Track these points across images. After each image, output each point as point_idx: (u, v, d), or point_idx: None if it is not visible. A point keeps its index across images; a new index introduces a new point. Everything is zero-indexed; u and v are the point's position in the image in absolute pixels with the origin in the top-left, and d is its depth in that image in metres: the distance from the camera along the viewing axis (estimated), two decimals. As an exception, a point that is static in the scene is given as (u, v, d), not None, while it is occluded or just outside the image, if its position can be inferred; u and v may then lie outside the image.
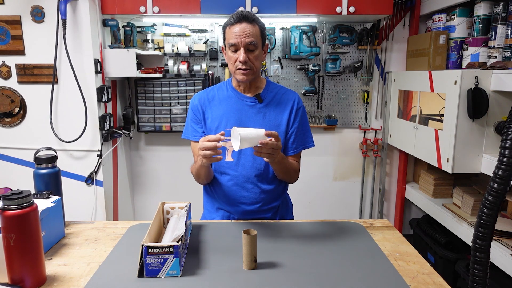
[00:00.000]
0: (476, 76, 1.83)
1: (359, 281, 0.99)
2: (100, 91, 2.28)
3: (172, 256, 0.99)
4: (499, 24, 1.95)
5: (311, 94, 2.76)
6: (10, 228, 0.90)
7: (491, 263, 1.51)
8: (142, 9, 2.32)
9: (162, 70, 2.65)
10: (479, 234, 0.88)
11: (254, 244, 1.03)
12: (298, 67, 2.74)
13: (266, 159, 1.26)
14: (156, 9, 2.33)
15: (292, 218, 1.60)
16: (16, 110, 2.29)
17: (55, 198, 1.22)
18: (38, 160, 1.24)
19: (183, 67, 2.64)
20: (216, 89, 1.52)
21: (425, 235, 2.45)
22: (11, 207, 0.90)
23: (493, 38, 1.99)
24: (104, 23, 2.36)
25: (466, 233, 1.98)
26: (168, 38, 2.71)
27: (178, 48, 2.64)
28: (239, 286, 0.97)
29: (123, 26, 2.47)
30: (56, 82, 2.22)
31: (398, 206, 2.92)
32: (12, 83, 2.26)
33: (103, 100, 2.30)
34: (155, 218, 1.18)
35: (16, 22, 2.18)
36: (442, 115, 2.04)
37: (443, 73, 2.07)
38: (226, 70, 2.72)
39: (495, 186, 0.85)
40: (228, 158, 1.24)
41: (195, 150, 1.48)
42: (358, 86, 2.82)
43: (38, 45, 2.21)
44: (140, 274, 1.00)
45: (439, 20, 2.44)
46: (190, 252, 1.15)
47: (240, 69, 1.37)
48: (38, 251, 0.95)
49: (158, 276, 1.00)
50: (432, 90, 2.15)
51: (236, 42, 1.34)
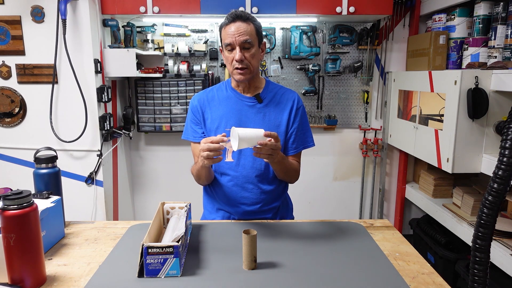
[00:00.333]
0: (476, 76, 1.83)
1: (359, 281, 0.99)
2: (100, 91, 2.28)
3: (172, 256, 0.99)
4: (499, 24, 1.95)
5: (311, 94, 2.76)
6: (10, 228, 0.90)
7: (491, 263, 1.51)
8: (142, 9, 2.33)
9: (162, 70, 2.65)
10: (479, 234, 0.88)
11: (254, 244, 1.03)
12: (298, 67, 2.74)
13: (266, 160, 1.26)
14: (156, 9, 2.33)
15: (292, 218, 1.59)
16: (16, 110, 2.29)
17: (55, 198, 1.22)
18: (38, 160, 1.24)
19: (183, 67, 2.64)
20: (216, 89, 1.52)
21: (425, 235, 2.45)
22: (11, 207, 0.90)
23: (493, 38, 1.99)
24: (104, 23, 2.36)
25: (466, 233, 1.98)
26: (168, 38, 2.71)
27: (178, 48, 2.64)
28: (239, 286, 0.97)
29: (123, 26, 2.47)
30: (56, 82, 2.22)
31: (398, 206, 2.92)
32: (12, 83, 2.26)
33: (103, 100, 2.30)
34: (155, 218, 1.18)
35: (16, 22, 2.18)
36: (442, 115, 2.04)
37: (443, 73, 2.07)
38: (226, 70, 2.72)
39: (495, 186, 0.85)
40: (229, 158, 1.23)
41: (195, 151, 1.48)
42: (358, 86, 2.82)
43: (38, 45, 2.21)
44: (140, 274, 1.00)
45: (439, 20, 2.44)
46: (190, 252, 1.15)
47: (237, 68, 1.37)
48: (38, 251, 0.95)
49: (158, 276, 1.00)
50: (432, 90, 2.15)
51: (231, 42, 1.34)
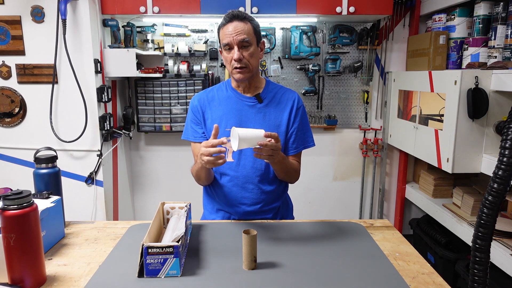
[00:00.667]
0: (476, 76, 1.83)
1: (359, 281, 0.99)
2: (100, 91, 2.28)
3: (172, 256, 0.99)
4: (499, 24, 1.95)
5: (311, 94, 2.76)
6: (10, 228, 0.90)
7: (491, 263, 1.51)
8: (142, 9, 2.32)
9: (162, 70, 2.64)
10: (479, 234, 0.88)
11: (254, 244, 1.03)
12: (298, 67, 2.74)
13: (266, 160, 1.26)
14: (156, 9, 2.33)
15: (293, 218, 1.59)
16: (16, 110, 2.29)
17: (55, 198, 1.22)
18: (38, 160, 1.24)
19: (183, 67, 2.64)
20: (216, 89, 1.52)
21: (425, 235, 2.45)
22: (11, 207, 0.90)
23: (493, 38, 1.99)
24: (104, 23, 2.36)
25: (466, 233, 1.98)
26: (168, 38, 2.71)
27: (178, 48, 2.64)
28: (239, 286, 0.97)
29: (123, 26, 2.47)
30: (56, 82, 2.22)
31: (398, 206, 2.92)
32: (12, 83, 2.26)
33: (103, 100, 2.30)
34: (155, 218, 1.18)
35: (16, 22, 2.18)
36: (442, 115, 2.04)
37: (443, 73, 2.07)
38: (226, 70, 2.71)
39: (495, 186, 0.85)
40: (229, 158, 1.23)
41: (195, 151, 1.48)
42: (358, 86, 2.82)
43: (38, 45, 2.21)
44: (140, 274, 1.00)
45: (439, 20, 2.44)
46: (190, 252, 1.15)
47: (236, 68, 1.37)
48: (38, 251, 0.95)
49: (158, 276, 1.00)
50: (432, 90, 2.15)
51: (229, 42, 1.34)
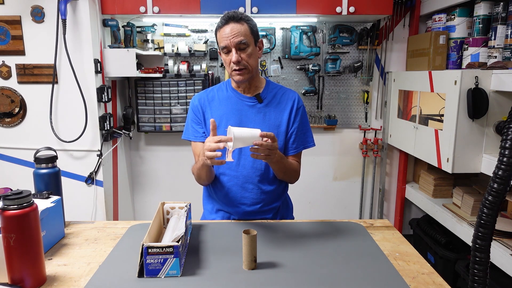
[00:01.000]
0: (476, 76, 1.83)
1: (359, 281, 0.99)
2: (100, 91, 2.28)
3: (172, 256, 0.99)
4: (499, 24, 1.95)
5: (311, 94, 2.76)
6: (10, 228, 0.90)
7: (491, 263, 1.51)
8: (142, 9, 2.32)
9: (162, 70, 2.64)
10: (479, 234, 0.88)
11: (254, 244, 1.03)
12: (298, 67, 2.74)
13: (263, 160, 1.26)
14: (156, 9, 2.33)
15: (293, 218, 1.59)
16: (16, 110, 2.29)
17: (55, 198, 1.22)
18: (38, 160, 1.24)
19: (183, 67, 2.64)
20: (216, 89, 1.52)
21: (425, 235, 2.45)
22: (11, 207, 0.90)
23: (493, 38, 1.99)
24: (104, 23, 2.36)
25: (466, 233, 1.98)
26: (168, 38, 2.71)
27: (178, 48, 2.64)
28: (239, 286, 0.97)
29: (123, 26, 2.47)
30: (56, 82, 2.22)
31: (398, 206, 2.92)
32: (12, 83, 2.26)
33: (103, 100, 2.30)
34: (155, 218, 1.18)
35: (16, 22, 2.18)
36: (442, 115, 2.04)
37: (443, 73, 2.07)
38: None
39: (495, 186, 0.85)
40: (229, 158, 1.23)
41: (195, 150, 1.48)
42: (358, 86, 2.82)
43: (38, 45, 2.21)
44: (140, 274, 1.00)
45: (439, 20, 2.44)
46: (190, 252, 1.15)
47: (235, 70, 1.36)
48: (38, 251, 0.95)
49: (158, 276, 1.00)
50: (432, 90, 2.15)
51: (226, 44, 1.34)
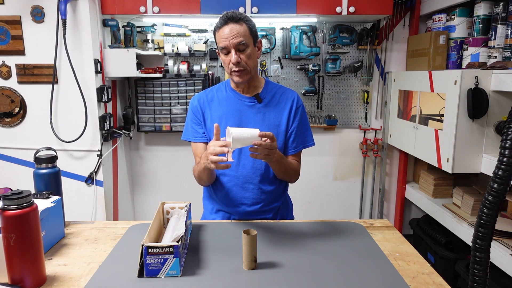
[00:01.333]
0: (476, 76, 1.83)
1: (359, 281, 0.99)
2: (100, 91, 2.28)
3: (172, 256, 0.99)
4: (499, 24, 1.95)
5: (311, 94, 2.76)
6: (10, 228, 0.90)
7: (491, 263, 1.51)
8: (142, 9, 2.32)
9: (162, 70, 2.64)
10: (479, 234, 0.88)
11: (254, 244, 1.03)
12: (298, 67, 2.74)
13: (263, 160, 1.25)
14: (156, 9, 2.33)
15: (293, 218, 1.59)
16: (16, 110, 2.29)
17: (55, 198, 1.22)
18: (38, 160, 1.24)
19: (183, 67, 2.64)
20: (215, 90, 1.52)
21: (425, 235, 2.45)
22: (11, 207, 0.90)
23: (493, 38, 1.99)
24: (104, 23, 2.36)
25: (466, 233, 1.98)
26: (168, 38, 2.71)
27: (178, 48, 2.64)
28: (239, 286, 0.97)
29: (123, 26, 2.47)
30: (56, 82, 2.22)
31: (398, 206, 2.92)
32: (12, 83, 2.26)
33: (103, 100, 2.30)
34: (155, 218, 1.18)
35: (16, 22, 2.18)
36: (442, 115, 2.04)
37: (443, 73, 2.07)
38: (226, 70, 2.72)
39: (495, 186, 0.85)
40: (229, 158, 1.23)
41: (196, 151, 1.48)
42: (358, 86, 2.82)
43: (38, 45, 2.21)
44: (140, 274, 1.00)
45: (439, 20, 2.44)
46: (190, 252, 1.15)
47: (234, 71, 1.36)
48: (38, 251, 0.95)
49: (158, 276, 1.00)
50: (432, 90, 2.15)
51: (225, 45, 1.33)
